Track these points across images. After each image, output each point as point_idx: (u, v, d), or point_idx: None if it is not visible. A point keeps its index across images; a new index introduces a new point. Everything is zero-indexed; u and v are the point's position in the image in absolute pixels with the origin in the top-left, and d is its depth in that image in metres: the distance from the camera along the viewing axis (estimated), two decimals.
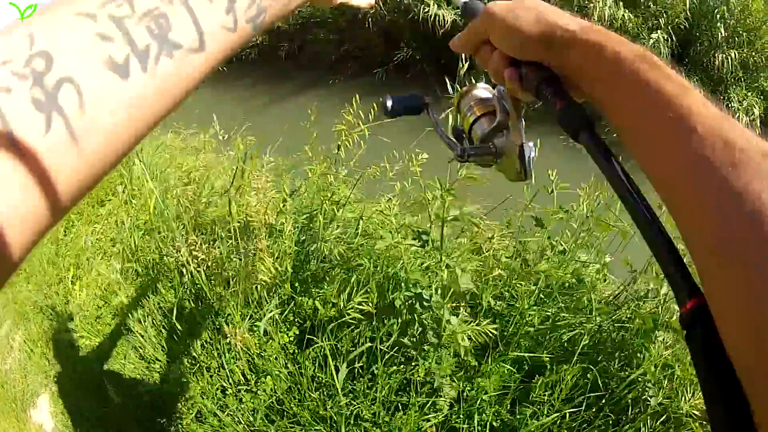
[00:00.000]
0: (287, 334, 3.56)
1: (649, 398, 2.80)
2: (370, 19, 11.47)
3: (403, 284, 3.10)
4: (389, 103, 1.09)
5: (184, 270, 4.02)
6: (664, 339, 2.93)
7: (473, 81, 1.12)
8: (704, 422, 2.63)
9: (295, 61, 13.88)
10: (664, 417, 2.78)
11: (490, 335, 2.94)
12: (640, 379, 2.91)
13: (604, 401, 2.97)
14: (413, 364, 3.13)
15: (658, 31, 9.04)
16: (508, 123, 0.97)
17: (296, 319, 3.62)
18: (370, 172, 3.69)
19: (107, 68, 0.49)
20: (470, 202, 3.09)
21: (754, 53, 8.97)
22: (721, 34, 8.49)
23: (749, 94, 8.90)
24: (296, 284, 3.73)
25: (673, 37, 9.29)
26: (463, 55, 2.26)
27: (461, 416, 3.11)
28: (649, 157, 0.67)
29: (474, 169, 2.78)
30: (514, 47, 0.88)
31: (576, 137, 0.77)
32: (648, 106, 0.67)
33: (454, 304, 3.06)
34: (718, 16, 8.18)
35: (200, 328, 3.81)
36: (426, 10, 9.73)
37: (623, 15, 9.26)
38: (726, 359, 0.50)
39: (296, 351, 3.52)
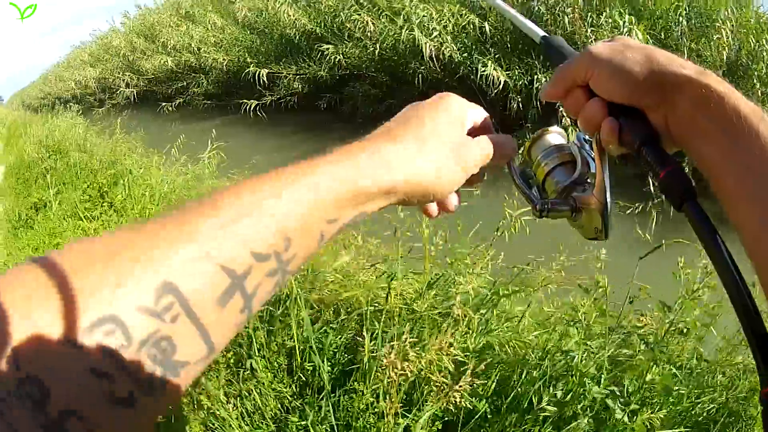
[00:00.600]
0: None
1: None
2: (419, 76, 11.12)
3: None
4: None
5: None
6: None
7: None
8: None
9: (335, 112, 13.77)
10: None
11: None
12: None
13: None
14: None
15: None
16: (587, 176, 0.91)
17: None
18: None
19: (110, 401, 0.47)
20: None
21: None
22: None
23: None
24: None
25: None
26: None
27: None
28: (758, 235, 0.63)
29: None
30: (619, 91, 0.79)
31: (679, 207, 0.72)
32: None
33: None
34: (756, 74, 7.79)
35: None
36: (483, 70, 9.39)
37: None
38: None
39: None
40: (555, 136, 0.97)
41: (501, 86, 9.39)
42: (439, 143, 0.76)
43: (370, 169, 0.69)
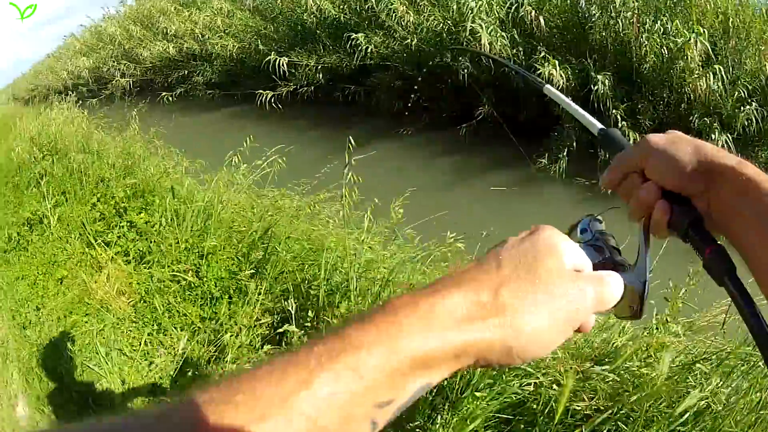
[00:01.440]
0: None
1: None
2: (464, 70, 10.09)
3: None
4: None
5: None
6: None
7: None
8: None
9: (354, 105, 12.73)
10: None
11: None
12: None
13: None
14: None
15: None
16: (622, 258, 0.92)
17: None
18: None
19: None
20: None
21: None
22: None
23: None
24: None
25: None
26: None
27: None
28: None
29: None
30: (671, 178, 0.87)
31: (721, 283, 0.79)
32: None
33: None
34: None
35: None
36: (541, 69, 8.41)
37: None
38: None
39: None
40: (596, 223, 0.98)
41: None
42: (545, 297, 0.65)
43: (439, 327, 0.59)
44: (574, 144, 8.06)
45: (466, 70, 9.93)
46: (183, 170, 6.86)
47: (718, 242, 0.82)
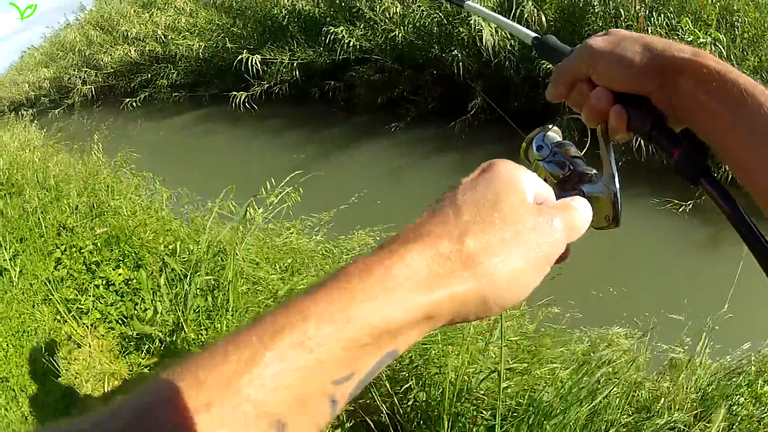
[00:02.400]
0: None
1: None
2: (443, 65, 9.59)
3: None
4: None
5: None
6: None
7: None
8: None
9: (331, 102, 11.84)
10: None
11: None
12: None
13: None
14: None
15: None
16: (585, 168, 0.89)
17: None
18: None
19: None
20: None
21: None
22: None
23: None
24: None
25: None
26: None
27: None
28: None
29: None
30: (623, 80, 0.83)
31: (696, 183, 0.77)
32: None
33: None
34: None
35: None
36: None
37: None
38: None
39: None
40: (553, 134, 0.94)
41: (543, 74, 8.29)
42: (513, 236, 0.59)
43: (400, 291, 0.53)
44: (575, 134, 7.27)
45: (455, 60, 9.17)
46: (162, 204, 5.77)
47: (685, 141, 0.78)
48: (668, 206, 6.02)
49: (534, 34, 1.06)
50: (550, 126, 0.94)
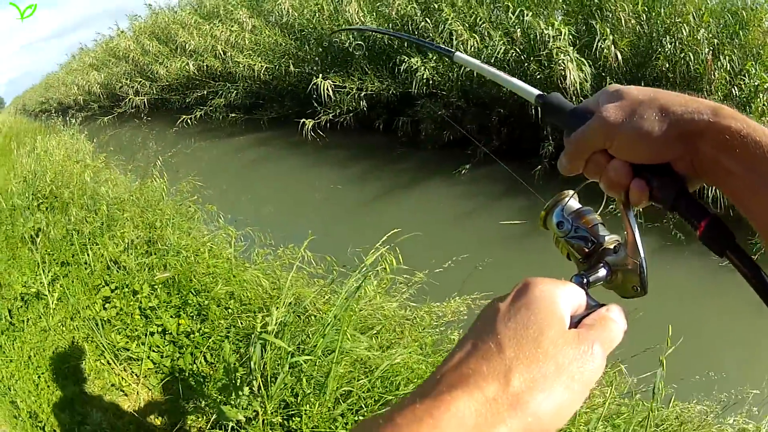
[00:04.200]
0: None
1: None
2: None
3: None
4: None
5: None
6: None
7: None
8: None
9: (394, 134, 11.37)
10: None
11: None
12: None
13: None
14: None
15: None
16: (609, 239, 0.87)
17: None
18: None
19: None
20: None
21: None
22: None
23: None
24: None
25: None
26: None
27: None
28: None
29: None
30: (644, 154, 0.77)
31: (722, 254, 0.73)
32: None
33: None
34: None
35: None
36: None
37: None
38: None
39: None
40: (572, 201, 0.93)
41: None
42: (556, 370, 0.59)
43: None
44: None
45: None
46: (231, 246, 5.00)
47: (710, 211, 0.75)
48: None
49: (537, 92, 0.96)
50: (568, 193, 0.92)
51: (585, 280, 0.80)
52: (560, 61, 7.78)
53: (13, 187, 7.51)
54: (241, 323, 3.97)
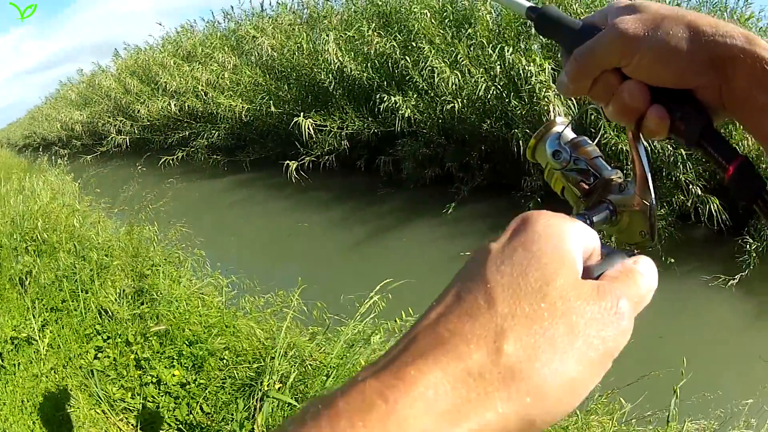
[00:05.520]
0: None
1: None
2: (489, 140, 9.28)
3: None
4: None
5: None
6: None
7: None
8: None
9: (376, 174, 11.29)
10: None
11: None
12: None
13: None
14: None
15: None
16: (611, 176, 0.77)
17: None
18: None
19: None
20: None
21: None
22: None
23: None
24: None
25: None
26: None
27: None
28: None
29: None
30: (667, 75, 0.64)
31: (752, 203, 0.63)
32: None
33: None
34: None
35: None
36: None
37: None
38: None
39: None
40: (566, 129, 0.81)
41: None
42: (568, 333, 0.43)
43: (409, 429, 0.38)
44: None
45: (515, 138, 8.51)
46: (222, 297, 5.00)
47: (740, 153, 0.63)
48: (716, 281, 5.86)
49: (528, 3, 0.80)
50: (563, 119, 0.81)
51: (588, 220, 0.69)
52: (545, 97, 7.76)
53: (1, 227, 7.43)
54: (237, 374, 3.94)
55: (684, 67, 0.62)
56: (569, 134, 0.79)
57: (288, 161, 10.46)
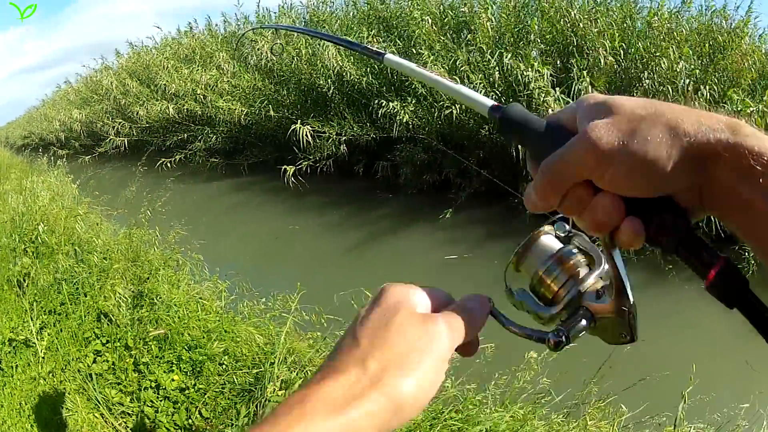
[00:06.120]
0: None
1: None
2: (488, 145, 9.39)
3: None
4: None
5: None
6: None
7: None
8: None
9: (374, 179, 11.32)
10: None
11: None
12: None
13: None
14: None
15: None
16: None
17: None
18: None
19: None
20: None
21: None
22: None
23: None
24: None
25: None
26: None
27: None
28: None
29: None
30: (644, 187, 0.60)
31: (732, 306, 0.60)
32: None
33: None
34: None
35: None
36: None
37: None
38: None
39: None
40: (551, 239, 0.78)
41: None
42: (407, 348, 0.64)
43: (317, 417, 0.58)
44: None
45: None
46: (222, 302, 5.00)
47: (720, 253, 0.60)
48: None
49: (492, 102, 0.80)
50: (547, 228, 0.78)
51: (563, 335, 0.71)
52: (544, 102, 7.77)
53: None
54: (236, 379, 3.92)
55: (662, 176, 0.58)
56: (553, 244, 0.76)
57: (286, 166, 10.45)
